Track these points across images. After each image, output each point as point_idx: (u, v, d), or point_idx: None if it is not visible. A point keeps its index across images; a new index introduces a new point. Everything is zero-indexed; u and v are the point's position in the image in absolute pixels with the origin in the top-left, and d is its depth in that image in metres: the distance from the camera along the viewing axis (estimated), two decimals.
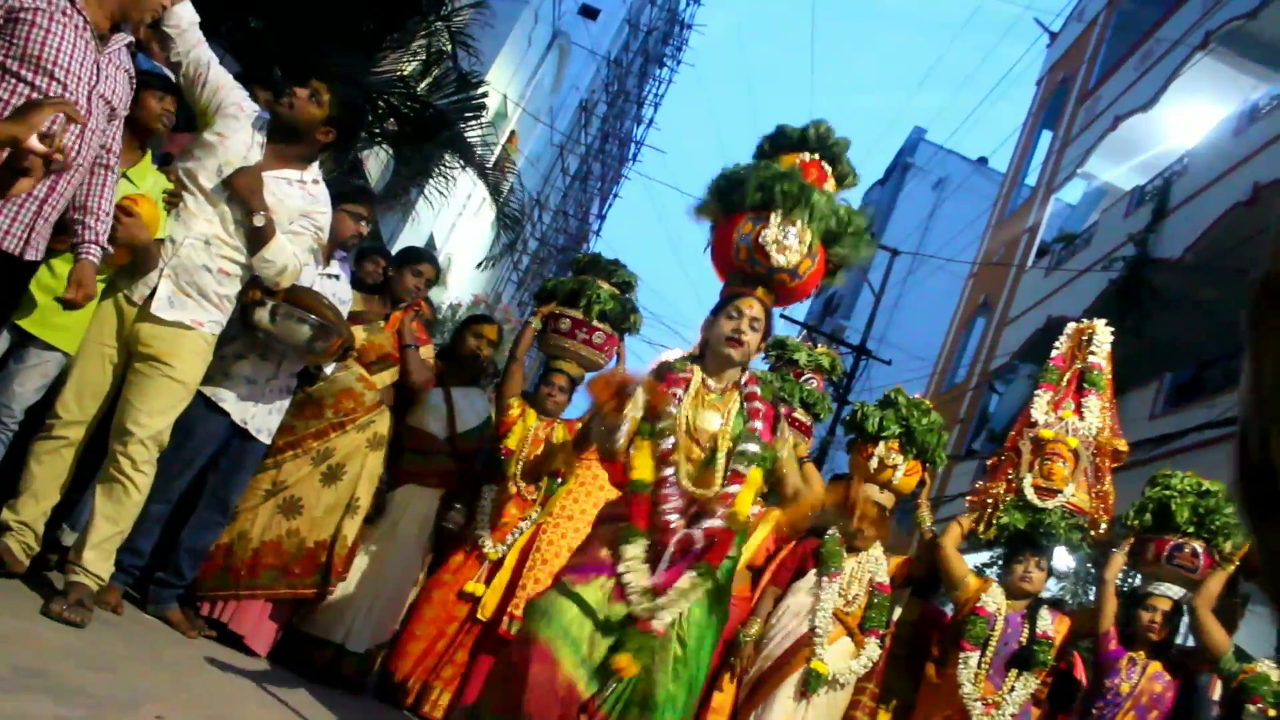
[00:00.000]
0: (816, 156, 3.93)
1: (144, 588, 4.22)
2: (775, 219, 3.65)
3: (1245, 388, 0.77)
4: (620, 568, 3.19)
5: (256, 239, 3.75)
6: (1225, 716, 4.36)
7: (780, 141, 4.01)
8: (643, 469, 3.38)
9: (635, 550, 3.23)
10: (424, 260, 5.13)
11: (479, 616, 4.84)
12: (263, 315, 3.96)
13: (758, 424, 3.44)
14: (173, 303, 3.66)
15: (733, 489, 3.32)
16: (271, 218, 3.75)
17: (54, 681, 2.67)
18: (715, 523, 3.28)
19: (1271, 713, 4.04)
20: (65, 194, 3.12)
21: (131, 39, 3.32)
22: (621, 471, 4.13)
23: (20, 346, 3.50)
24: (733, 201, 3.78)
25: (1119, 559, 4.73)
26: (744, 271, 3.73)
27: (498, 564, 4.93)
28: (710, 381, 3.50)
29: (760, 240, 3.64)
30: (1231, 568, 4.52)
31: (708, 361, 3.55)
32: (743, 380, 3.53)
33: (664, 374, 3.50)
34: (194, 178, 3.71)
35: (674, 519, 3.28)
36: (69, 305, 3.22)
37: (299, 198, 3.90)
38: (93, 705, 2.58)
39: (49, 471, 3.47)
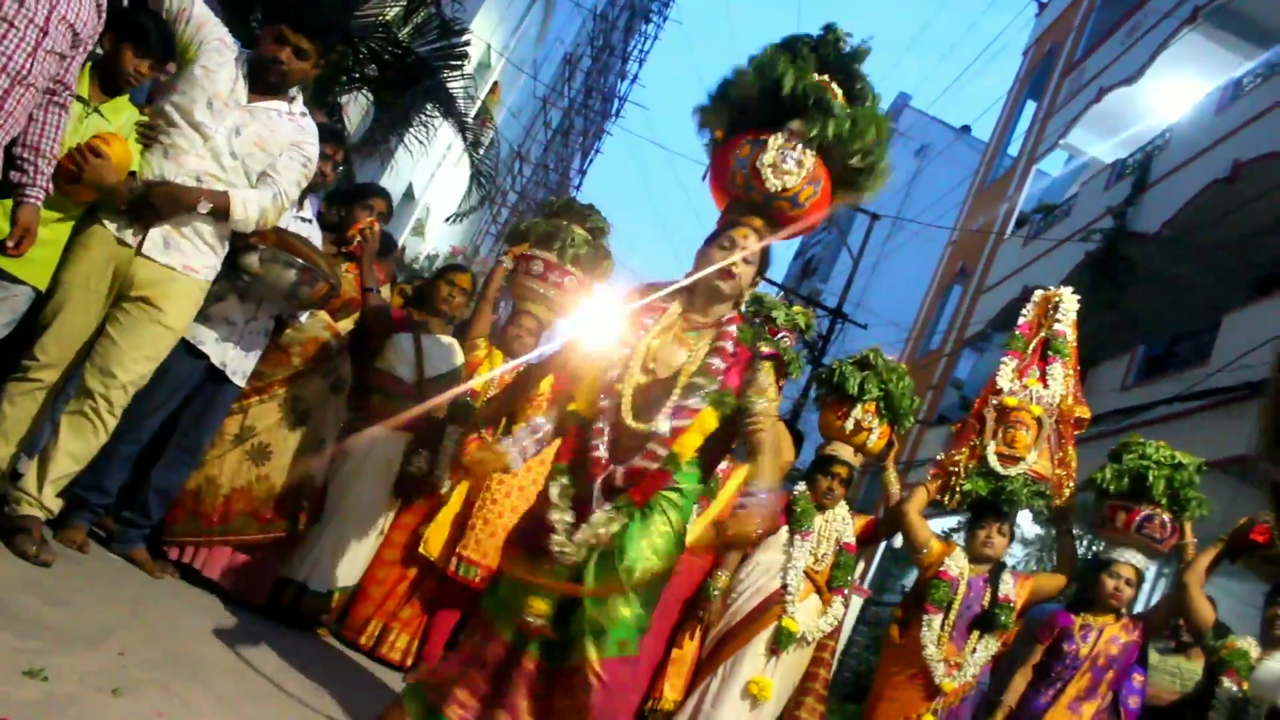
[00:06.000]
0: (826, 78, 3.57)
1: (110, 526, 4.19)
2: (774, 141, 3.40)
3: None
4: (549, 503, 3.09)
5: (220, 216, 3.68)
6: (1203, 687, 4.43)
7: (788, 49, 3.60)
8: (581, 400, 3.24)
9: (554, 489, 3.11)
10: (374, 195, 5.09)
11: (420, 551, 4.83)
12: (252, 260, 3.91)
13: (717, 362, 3.15)
14: (168, 244, 3.60)
15: (678, 423, 3.09)
16: (213, 199, 3.63)
17: (15, 614, 2.66)
18: (643, 461, 3.07)
19: (1245, 685, 4.09)
20: (16, 114, 3.05)
21: None
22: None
23: None
24: (737, 104, 3.51)
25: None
26: (741, 200, 3.50)
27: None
28: (695, 316, 3.29)
29: (757, 164, 3.40)
30: (1221, 546, 4.56)
31: (697, 294, 3.31)
32: (725, 318, 3.28)
33: (642, 298, 3.32)
34: (183, 112, 3.61)
35: (602, 454, 3.11)
36: (10, 252, 3.16)
37: (288, 128, 3.85)
38: (53, 639, 2.58)
39: (22, 413, 3.40)
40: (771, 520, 3.06)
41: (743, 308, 3.43)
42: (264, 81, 3.78)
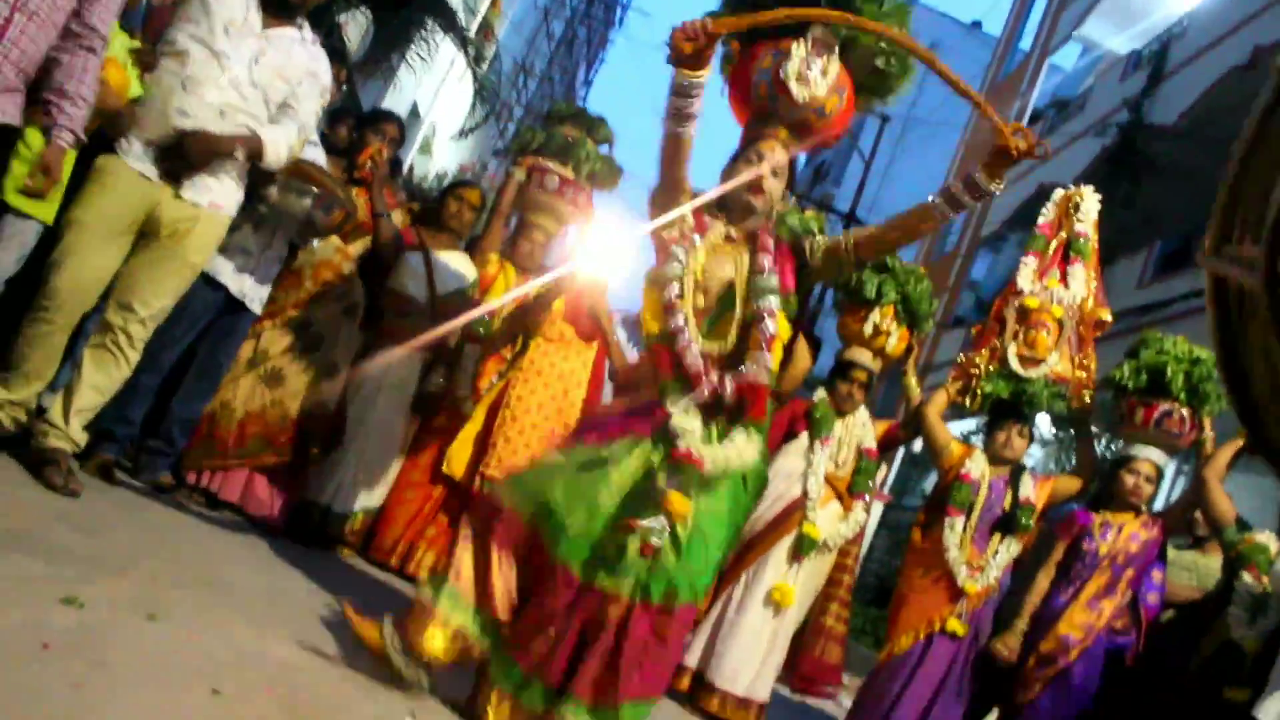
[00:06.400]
0: None
1: (135, 456, 4.24)
2: (798, 50, 3.27)
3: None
4: (671, 415, 2.91)
5: (255, 159, 3.66)
6: (1222, 583, 4.45)
7: None
8: (650, 321, 3.13)
9: (678, 399, 2.94)
10: (387, 120, 5.04)
11: (444, 470, 4.87)
12: (271, 190, 3.90)
13: (765, 260, 3.10)
14: (194, 181, 3.58)
15: (768, 328, 3.01)
16: (247, 144, 3.62)
17: (45, 543, 2.70)
18: (748, 375, 2.99)
19: (1265, 580, 4.10)
20: (27, 52, 3.00)
21: None
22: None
23: None
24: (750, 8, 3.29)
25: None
26: (765, 112, 3.38)
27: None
28: (732, 232, 3.21)
29: (781, 75, 3.27)
30: (1241, 441, 4.52)
31: (730, 211, 3.24)
32: (759, 229, 3.19)
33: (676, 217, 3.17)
34: (199, 41, 3.53)
35: (698, 366, 2.98)
36: (33, 194, 3.15)
37: (304, 55, 3.80)
38: (84, 565, 2.61)
39: (42, 354, 3.40)
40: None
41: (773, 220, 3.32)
42: (276, 5, 3.70)
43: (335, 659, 2.83)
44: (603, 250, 4.88)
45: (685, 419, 2.92)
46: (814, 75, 3.29)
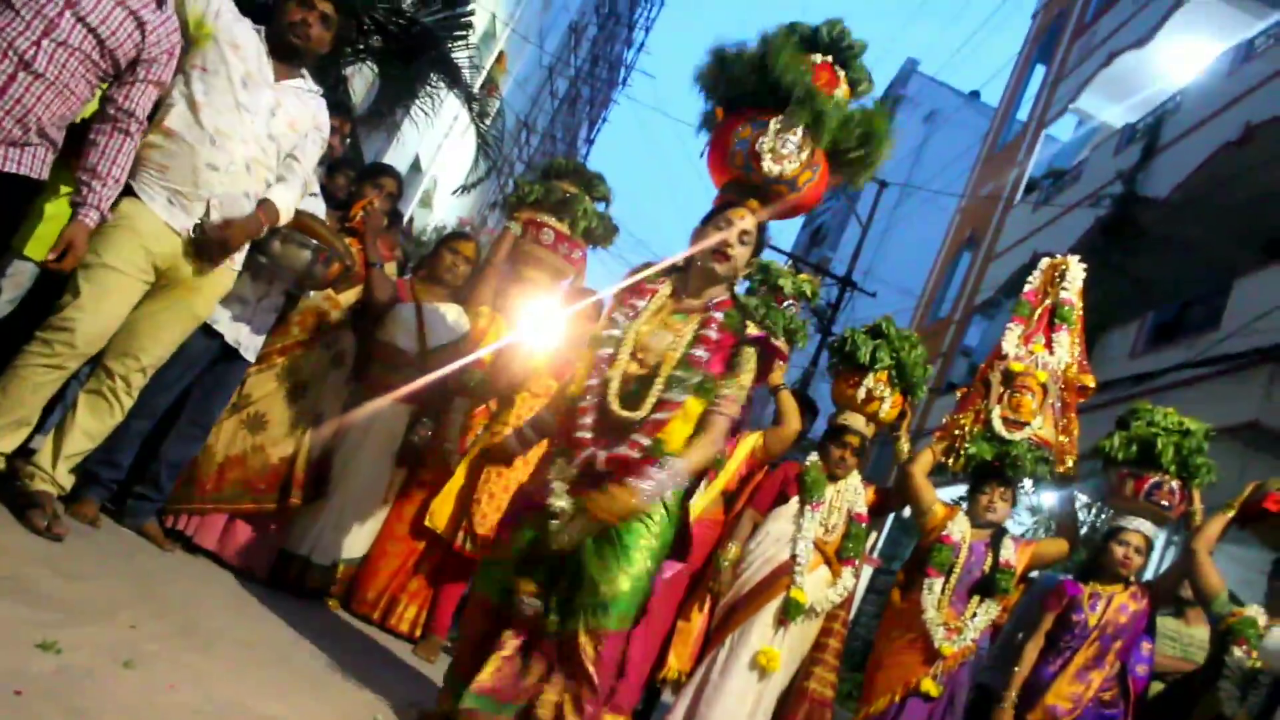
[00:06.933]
0: (829, 59, 3.65)
1: (120, 501, 4.22)
2: (774, 125, 3.41)
3: None
4: (550, 485, 3.09)
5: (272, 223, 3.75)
6: (1212, 657, 4.42)
7: (789, 37, 3.69)
8: (577, 382, 3.24)
9: (555, 470, 3.12)
10: (386, 174, 5.07)
11: (426, 524, 4.84)
12: (274, 244, 3.91)
13: (700, 352, 3.14)
14: None
15: (660, 416, 3.08)
16: (268, 216, 3.70)
17: (26, 587, 2.68)
18: (626, 449, 3.05)
19: (1255, 655, 4.08)
20: (32, 109, 3.03)
21: None
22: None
23: None
24: (735, 84, 3.49)
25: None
26: (739, 180, 3.49)
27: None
28: (687, 299, 3.28)
29: (757, 148, 3.40)
30: (1232, 513, 4.55)
31: (691, 275, 3.31)
32: (713, 302, 3.25)
33: (631, 283, 3.32)
34: (220, 93, 3.52)
35: (586, 434, 3.11)
36: (53, 268, 3.17)
37: (312, 107, 3.84)
38: (66, 612, 2.59)
39: (40, 399, 3.33)
40: (657, 489, 3.03)
41: (738, 287, 3.41)
42: (284, 54, 3.73)
43: (315, 713, 2.80)
44: (579, 309, 4.90)
45: (557, 496, 3.06)
46: (788, 150, 3.43)
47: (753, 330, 3.25)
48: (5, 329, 3.44)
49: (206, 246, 3.56)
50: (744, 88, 3.49)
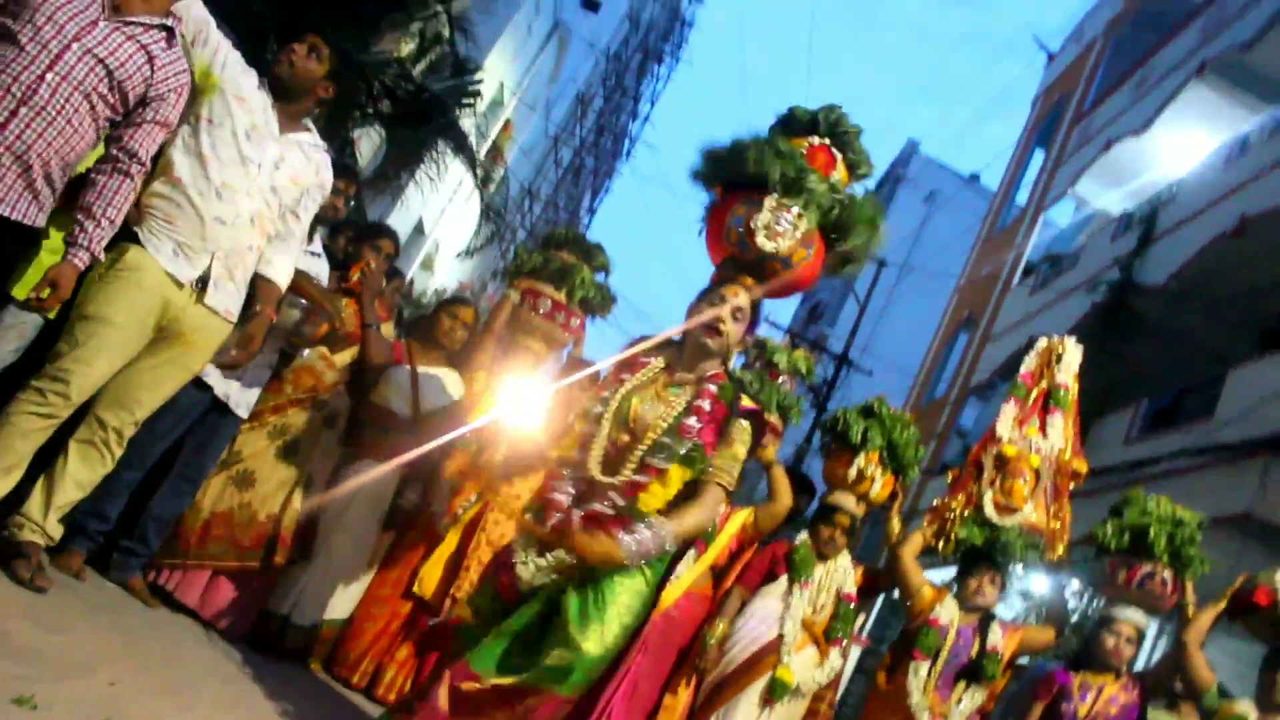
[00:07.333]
0: (826, 142, 3.73)
1: (106, 553, 4.18)
2: (769, 203, 3.45)
3: None
4: (518, 539, 3.22)
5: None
6: None
7: (791, 124, 3.81)
8: (566, 447, 3.31)
9: (522, 537, 3.22)
10: (383, 236, 5.10)
11: (415, 591, 4.80)
12: None
13: (692, 422, 3.19)
14: (218, 287, 3.57)
15: (639, 478, 3.14)
16: (271, 298, 3.78)
17: (7, 640, 2.65)
18: (601, 508, 3.11)
19: None
20: (34, 147, 3.03)
21: (164, 23, 3.28)
22: None
23: None
24: (729, 174, 3.59)
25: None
26: (735, 257, 3.54)
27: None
28: (681, 372, 3.33)
29: (752, 224, 3.45)
30: (1223, 605, 4.53)
31: (686, 349, 3.37)
32: (708, 374, 3.31)
33: (625, 357, 3.40)
34: (225, 145, 3.52)
35: (560, 498, 3.19)
36: (37, 307, 3.16)
37: (316, 161, 3.82)
38: (45, 666, 2.57)
39: (32, 445, 3.28)
40: (639, 550, 3.06)
41: (730, 365, 3.45)
42: (282, 95, 3.71)
43: None
44: (572, 380, 4.91)
45: (524, 548, 3.16)
46: (783, 228, 3.46)
47: (746, 403, 3.29)
48: (7, 378, 3.41)
49: (235, 365, 3.72)
50: (739, 174, 3.56)
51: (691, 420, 3.19)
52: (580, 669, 3.00)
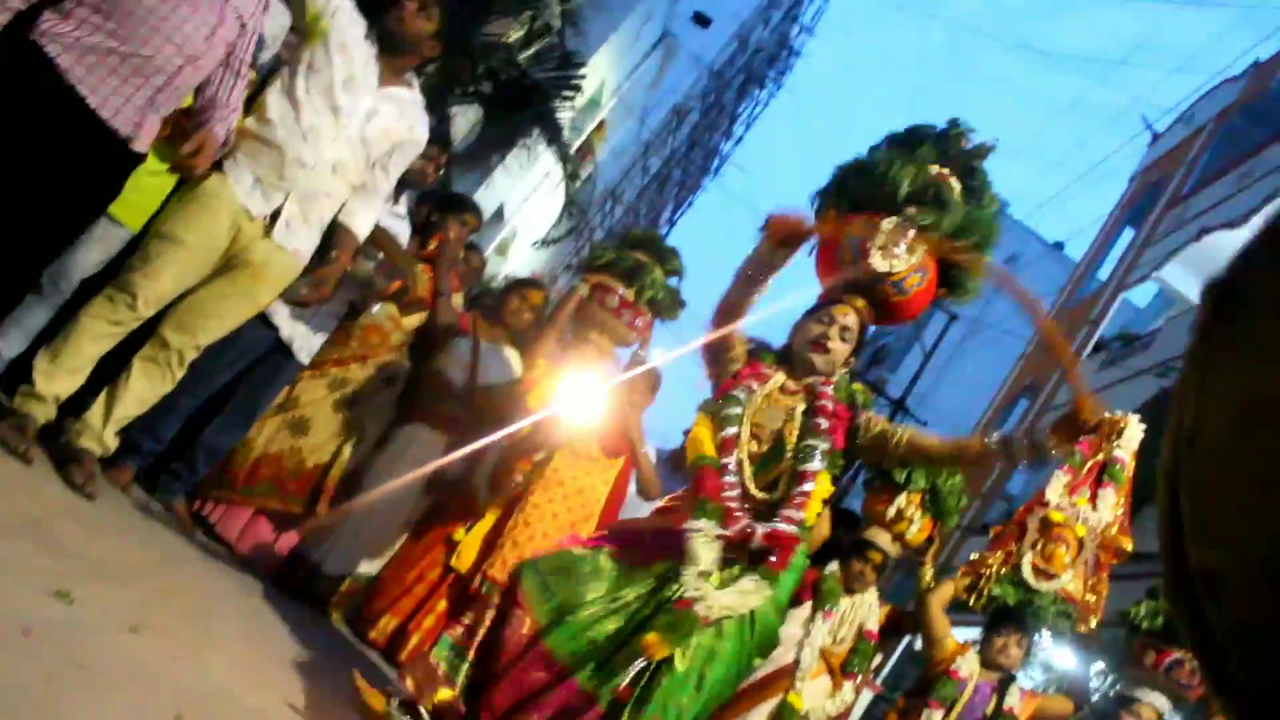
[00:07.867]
0: (946, 170, 3.57)
1: (154, 474, 4.28)
2: (887, 225, 3.36)
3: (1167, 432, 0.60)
4: (691, 535, 2.96)
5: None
6: None
7: (910, 141, 3.64)
8: (706, 444, 3.17)
9: (706, 523, 2.98)
10: (468, 209, 5.16)
11: (452, 564, 4.84)
12: None
13: (823, 421, 3.15)
14: (290, 226, 3.64)
15: (805, 488, 3.06)
16: (348, 248, 3.85)
17: (54, 537, 2.73)
18: (782, 525, 3.01)
19: None
20: (180, 90, 3.17)
21: None
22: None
23: None
24: (854, 193, 3.49)
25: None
26: (846, 277, 3.44)
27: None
28: (790, 384, 3.30)
29: (868, 245, 3.36)
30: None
31: (793, 365, 3.34)
32: (820, 383, 3.27)
33: (752, 361, 3.33)
34: (321, 91, 3.59)
35: (734, 505, 3.04)
36: (184, 168, 3.34)
37: (411, 116, 3.87)
38: (84, 568, 2.64)
39: (96, 352, 3.40)
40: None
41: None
42: (389, 48, 3.74)
43: (304, 714, 2.81)
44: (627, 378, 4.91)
45: (704, 546, 2.95)
46: (899, 250, 3.37)
47: (861, 395, 3.34)
48: (90, 287, 3.52)
49: (304, 304, 3.81)
50: (864, 193, 3.47)
51: (821, 420, 3.17)
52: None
